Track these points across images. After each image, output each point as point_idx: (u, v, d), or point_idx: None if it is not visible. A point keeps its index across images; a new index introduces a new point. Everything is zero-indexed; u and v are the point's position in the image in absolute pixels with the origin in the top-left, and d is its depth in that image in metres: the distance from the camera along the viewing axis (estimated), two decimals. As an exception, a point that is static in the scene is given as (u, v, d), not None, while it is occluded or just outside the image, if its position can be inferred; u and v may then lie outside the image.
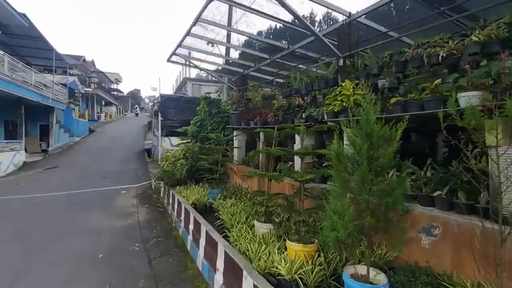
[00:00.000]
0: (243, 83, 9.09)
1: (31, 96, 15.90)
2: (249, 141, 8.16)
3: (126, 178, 11.83)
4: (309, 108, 5.05)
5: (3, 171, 12.53)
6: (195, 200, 6.20)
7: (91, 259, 4.62)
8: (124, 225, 6.31)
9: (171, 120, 14.98)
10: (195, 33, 6.43)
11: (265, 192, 4.43)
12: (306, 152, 3.30)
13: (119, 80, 54.08)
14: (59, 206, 7.87)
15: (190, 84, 28.01)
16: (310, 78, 5.53)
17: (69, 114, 23.28)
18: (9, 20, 14.68)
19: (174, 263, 4.56)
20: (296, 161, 5.27)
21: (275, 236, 3.79)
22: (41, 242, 5.26)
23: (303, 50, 7.10)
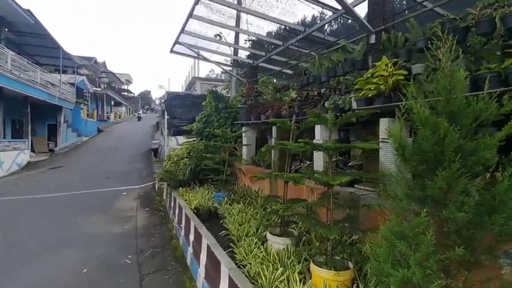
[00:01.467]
0: (253, 75, 8.30)
1: (37, 95, 15.59)
2: (259, 138, 7.33)
3: (129, 179, 11.23)
4: (332, 96, 4.19)
5: (5, 171, 12.13)
6: (198, 204, 5.43)
7: (74, 277, 3.89)
8: (119, 232, 5.60)
9: (178, 118, 14.33)
10: (199, 16, 5.67)
11: (280, 198, 3.61)
12: (341, 146, 2.44)
13: (129, 80, 54.30)
14: (55, 209, 7.25)
15: (199, 84, 27.48)
16: (333, 63, 4.66)
17: (77, 113, 23.06)
18: (14, 17, 14.38)
19: (170, 282, 3.78)
20: (316, 160, 4.42)
21: (294, 255, 2.95)
22: (26, 254, 4.58)
23: (320, 34, 6.25)
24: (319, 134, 4.29)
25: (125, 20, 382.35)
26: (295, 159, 5.47)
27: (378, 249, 1.54)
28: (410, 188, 1.48)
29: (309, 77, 5.39)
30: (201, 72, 31.72)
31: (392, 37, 3.64)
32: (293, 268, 2.68)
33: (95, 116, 29.12)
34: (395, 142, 1.52)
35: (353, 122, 4.04)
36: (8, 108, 14.22)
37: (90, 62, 31.42)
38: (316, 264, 2.48)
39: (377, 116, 3.40)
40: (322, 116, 2.66)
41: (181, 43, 7.17)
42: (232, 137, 6.64)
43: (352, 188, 3.87)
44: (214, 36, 8.02)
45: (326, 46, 6.28)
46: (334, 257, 2.59)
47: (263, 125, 6.88)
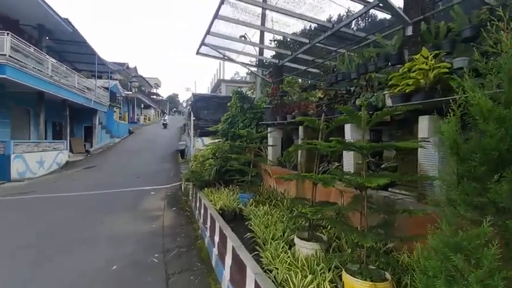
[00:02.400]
0: (279, 75, 8.16)
1: (75, 99, 16.62)
2: (285, 139, 7.18)
3: (157, 179, 11.54)
4: (363, 93, 3.94)
5: (46, 169, 13.02)
6: (223, 205, 5.38)
7: (103, 273, 3.99)
8: (147, 231, 5.71)
9: (204, 120, 14.56)
10: (224, 16, 5.65)
11: (308, 200, 3.44)
12: (377, 145, 2.24)
13: (158, 84, 56.45)
14: (88, 206, 7.60)
15: (225, 86, 27.89)
16: (364, 58, 4.41)
17: (111, 116, 24.30)
18: (53, 25, 15.44)
19: (195, 283, 3.74)
20: (346, 161, 4.19)
21: (324, 262, 2.77)
22: (60, 249, 4.80)
23: (349, 30, 5.98)
24: (350, 134, 4.07)
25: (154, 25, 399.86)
26: (322, 161, 5.24)
27: (426, 261, 1.34)
28: (466, 192, 1.27)
29: (338, 75, 5.15)
30: (226, 74, 32.25)
31: (433, 27, 3.34)
32: (323, 276, 2.50)
33: (126, 119, 30.55)
34: (448, 139, 1.32)
35: (386, 121, 3.79)
36: (49, 112, 15.27)
37: (122, 67, 33.03)
38: (349, 273, 2.28)
39: (415, 113, 3.13)
40: (355, 113, 2.46)
41: (207, 44, 7.23)
42: (258, 138, 6.55)
43: (386, 192, 3.60)
44: (239, 37, 8.02)
45: (355, 42, 6.00)
46: (369, 266, 2.38)
47: (289, 126, 6.72)
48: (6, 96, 12.99)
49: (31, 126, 15.52)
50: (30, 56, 12.25)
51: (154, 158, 17.07)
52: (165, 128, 32.43)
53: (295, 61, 7.94)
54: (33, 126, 15.41)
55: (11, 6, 13.50)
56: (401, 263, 2.62)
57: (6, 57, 10.56)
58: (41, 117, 14.18)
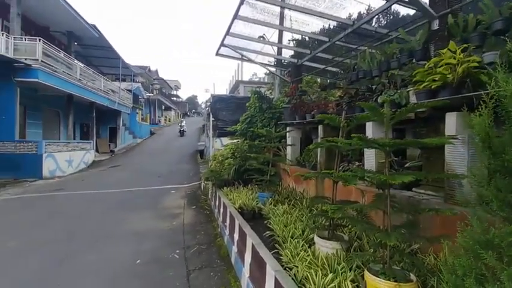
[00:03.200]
0: (297, 74, 8.12)
1: (100, 101, 17.40)
2: (304, 139, 7.13)
3: (177, 178, 11.82)
4: (386, 91, 3.84)
5: (74, 168, 13.70)
6: (242, 203, 5.42)
7: (127, 266, 4.14)
8: (168, 228, 5.86)
9: (223, 120, 14.75)
10: (244, 16, 5.71)
11: (328, 199, 3.39)
12: (401, 142, 2.15)
13: (178, 86, 57.87)
14: (112, 204, 7.92)
15: (243, 87, 28.07)
16: (386, 55, 4.29)
17: (133, 117, 25.18)
18: (81, 31, 16.26)
19: (215, 279, 3.80)
20: (368, 160, 4.09)
21: (345, 261, 2.72)
22: (85, 243, 5.04)
23: (370, 27, 5.85)
24: (371, 133, 3.97)
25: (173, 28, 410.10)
26: (342, 161, 5.16)
27: (455, 260, 1.29)
28: (499, 188, 1.21)
29: (358, 73, 5.05)
30: (244, 76, 32.32)
31: (461, 20, 3.20)
32: (344, 275, 2.46)
33: (148, 120, 31.52)
34: (479, 133, 1.27)
35: (410, 119, 3.67)
36: (77, 113, 16.07)
37: (144, 70, 34.18)
38: (371, 273, 2.24)
39: (441, 110, 3.01)
40: (378, 109, 2.40)
41: (227, 45, 7.32)
42: (276, 137, 6.55)
43: (410, 192, 3.49)
44: (258, 37, 8.07)
45: (376, 39, 5.85)
46: (392, 267, 2.31)
47: (308, 125, 6.67)
48: (39, 99, 13.82)
49: (61, 127, 16.42)
50: (60, 61, 12.96)
51: (174, 158, 17.48)
52: (182, 135, 27.90)
53: (314, 60, 7.86)
54: (63, 127, 16.29)
55: (42, 14, 14.38)
56: (427, 265, 2.53)
57: (39, 62, 11.24)
58: (69, 119, 14.95)
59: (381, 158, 3.85)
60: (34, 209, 7.16)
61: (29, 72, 11.02)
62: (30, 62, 11.00)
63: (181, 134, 28.10)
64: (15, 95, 11.08)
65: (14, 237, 5.25)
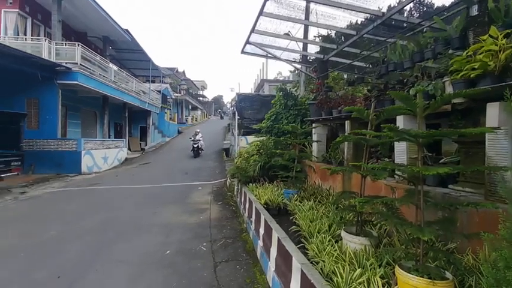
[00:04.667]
0: (323, 70, 7.97)
1: (132, 101, 18.28)
2: (330, 136, 6.98)
3: (204, 175, 12.12)
4: (419, 82, 3.66)
5: (109, 165, 14.54)
6: (267, 199, 5.44)
7: (157, 256, 4.33)
8: (195, 222, 6.04)
9: (248, 119, 14.89)
10: (269, 12, 5.72)
11: (356, 194, 3.30)
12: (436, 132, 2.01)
13: (204, 86, 59.21)
14: (144, 198, 8.31)
15: (267, 86, 28.10)
16: (419, 45, 4.08)
17: (162, 117, 26.17)
18: (115, 36, 17.20)
19: (241, 272, 3.85)
20: (398, 155, 3.92)
21: (374, 257, 2.64)
22: (118, 234, 5.33)
23: (401, 17, 5.59)
24: (403, 127, 3.79)
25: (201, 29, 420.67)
26: (371, 157, 4.99)
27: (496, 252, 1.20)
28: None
29: (388, 66, 4.85)
30: (269, 74, 32.34)
31: (502, 4, 2.96)
32: (374, 271, 2.39)
33: (175, 119, 32.60)
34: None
35: (446, 111, 3.46)
36: (111, 113, 17.03)
37: (173, 71, 35.38)
38: (403, 269, 2.15)
39: (481, 101, 2.81)
40: (411, 98, 2.29)
41: (252, 43, 7.37)
42: (302, 134, 6.48)
43: (446, 189, 3.29)
44: (283, 34, 8.03)
45: (408, 30, 5.57)
46: (426, 263, 2.21)
47: (334, 121, 6.52)
48: (78, 100, 14.84)
49: (97, 126, 17.51)
50: (96, 64, 13.81)
51: (200, 156, 17.91)
52: (197, 155, 17.53)
53: (340, 55, 7.67)
54: (99, 126, 17.36)
55: (80, 20, 15.41)
56: (465, 264, 2.38)
57: (78, 66, 12.06)
58: (105, 119, 15.89)
59: (413, 153, 3.68)
60: (74, 201, 7.71)
61: (70, 75, 11.87)
62: (70, 65, 11.84)
63: (195, 154, 17.37)
64: (57, 96, 11.99)
65: (57, 226, 5.70)
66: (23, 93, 11.71)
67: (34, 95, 11.81)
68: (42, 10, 13.97)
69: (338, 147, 5.67)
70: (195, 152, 17.43)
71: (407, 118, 3.77)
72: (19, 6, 12.80)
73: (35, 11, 13.78)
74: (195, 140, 17.59)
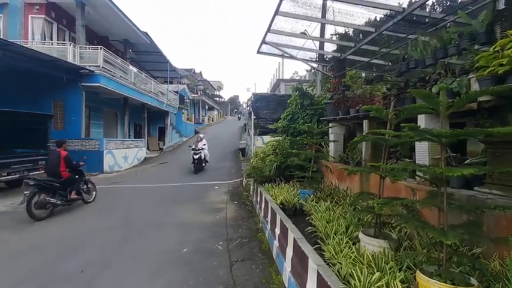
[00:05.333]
0: (340, 69, 7.83)
1: (151, 102, 18.76)
2: (347, 136, 6.85)
3: (220, 174, 12.24)
4: (442, 79, 3.51)
5: (130, 164, 14.99)
6: (283, 199, 5.42)
7: (175, 254, 4.42)
8: (212, 221, 6.11)
9: (264, 119, 14.90)
10: (285, 12, 5.69)
11: (375, 195, 3.22)
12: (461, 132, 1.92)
13: (220, 87, 59.81)
14: (162, 196, 8.51)
15: (283, 86, 27.99)
16: (443, 41, 3.91)
17: (180, 117, 26.69)
18: (135, 39, 17.72)
19: (257, 272, 3.86)
20: (419, 156, 3.79)
21: (394, 261, 2.56)
22: (138, 232, 5.48)
23: (424, 12, 5.39)
24: (424, 126, 3.66)
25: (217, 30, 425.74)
26: (390, 157, 4.84)
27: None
28: None
29: (409, 63, 4.70)
30: (285, 74, 32.16)
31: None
32: (393, 275, 2.32)
33: (192, 119, 33.15)
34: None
35: (472, 110, 3.31)
36: (131, 114, 17.55)
37: (189, 72, 35.98)
38: (425, 274, 2.07)
39: (510, 99, 2.66)
40: (433, 97, 2.20)
41: (268, 42, 7.36)
42: (319, 133, 6.40)
43: (472, 191, 3.14)
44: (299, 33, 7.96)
45: (430, 25, 5.36)
46: (449, 269, 2.12)
47: (352, 121, 6.40)
48: (100, 101, 15.41)
49: (118, 127, 18.10)
50: (117, 67, 14.28)
51: (217, 156, 18.08)
52: (200, 170, 12.82)
53: (358, 53, 7.49)
54: (120, 127, 17.94)
55: (103, 25, 16.00)
56: (491, 270, 2.26)
57: (100, 68, 12.53)
58: (125, 119, 16.40)
59: (435, 154, 3.54)
60: (97, 199, 8.01)
61: (93, 78, 12.34)
62: (93, 68, 12.32)
63: (197, 168, 12.64)
64: (81, 98, 12.50)
65: (81, 223, 5.94)
66: (50, 95, 12.30)
67: (60, 97, 12.38)
68: (67, 15, 14.61)
69: (356, 147, 5.55)
70: (196, 166, 12.40)
71: (430, 117, 3.63)
72: (45, 12, 13.46)
73: (60, 17, 14.43)
74: (196, 149, 12.70)
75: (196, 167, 12.52)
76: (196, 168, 12.51)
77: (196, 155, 12.56)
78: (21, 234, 5.29)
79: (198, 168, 12.59)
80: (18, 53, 9.35)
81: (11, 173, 8.17)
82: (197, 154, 12.58)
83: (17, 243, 4.85)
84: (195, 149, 12.78)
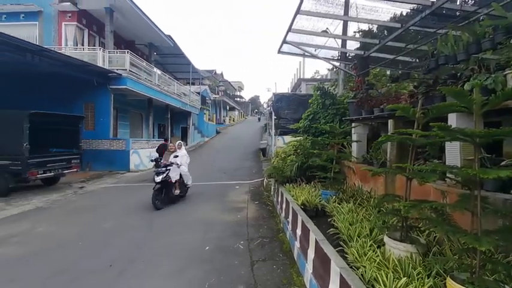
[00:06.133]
0: (364, 67, 7.61)
1: (174, 103, 19.29)
2: (371, 136, 6.65)
3: (241, 174, 12.34)
4: (476, 75, 3.31)
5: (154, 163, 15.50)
6: (304, 200, 5.37)
7: (197, 252, 4.51)
8: (233, 220, 6.18)
9: (285, 119, 14.84)
10: (306, 10, 5.62)
11: (401, 197, 3.10)
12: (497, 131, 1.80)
13: (241, 87, 60.29)
14: (185, 195, 8.72)
15: (305, 85, 27.67)
16: (476, 35, 3.69)
17: (201, 117, 27.21)
18: (159, 42, 18.31)
19: (278, 272, 3.85)
20: (450, 157, 3.59)
21: (421, 266, 2.45)
22: (163, 228, 5.67)
23: (454, 5, 5.11)
24: (456, 125, 3.47)
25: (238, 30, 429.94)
26: (417, 158, 4.64)
27: None
28: None
29: (439, 59, 4.46)
30: (306, 73, 31.78)
31: None
32: (421, 281, 2.22)
33: (214, 120, 33.67)
34: None
35: (508, 108, 3.09)
36: (155, 115, 18.15)
37: (211, 73, 36.57)
38: (456, 281, 1.96)
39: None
40: (466, 94, 2.08)
41: (289, 42, 7.31)
42: (341, 134, 6.27)
43: (508, 195, 2.93)
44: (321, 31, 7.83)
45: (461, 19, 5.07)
46: (483, 277, 1.99)
47: (376, 120, 6.21)
48: (127, 103, 16.07)
49: (143, 127, 18.77)
50: (142, 69, 14.83)
51: (238, 156, 18.28)
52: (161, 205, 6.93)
53: (382, 51, 7.24)
54: (145, 127, 18.60)
55: (129, 30, 16.69)
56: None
57: (127, 71, 13.07)
58: (150, 120, 16.99)
59: (467, 154, 3.35)
60: (125, 197, 8.38)
61: (120, 80, 12.91)
62: (121, 71, 12.87)
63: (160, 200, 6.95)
64: (110, 100, 13.12)
65: (110, 220, 6.23)
66: (81, 97, 13.01)
67: (90, 99, 13.06)
68: (97, 22, 15.39)
69: (380, 147, 5.37)
70: (158, 197, 6.95)
71: (461, 116, 3.44)
72: (77, 19, 14.26)
73: (91, 23, 15.23)
74: (162, 164, 7.35)
75: (158, 199, 6.82)
76: (157, 200, 6.80)
77: (160, 175, 6.83)
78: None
79: (162, 200, 6.94)
80: (53, 59, 9.99)
81: (46, 171, 8.74)
82: (161, 174, 6.85)
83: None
84: (161, 168, 7.06)
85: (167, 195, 7.22)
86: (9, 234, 5.27)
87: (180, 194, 7.73)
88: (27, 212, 6.83)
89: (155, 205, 6.82)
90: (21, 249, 4.54)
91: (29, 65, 9.77)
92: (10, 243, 4.85)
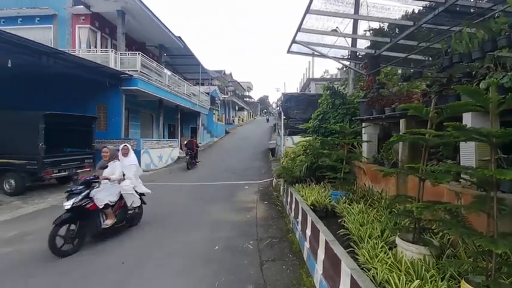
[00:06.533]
0: (374, 66, 7.50)
1: (184, 103, 19.48)
2: (382, 136, 6.55)
3: (250, 174, 12.37)
4: (491, 73, 3.22)
5: (164, 163, 15.72)
6: (314, 200, 5.33)
7: (207, 251, 4.54)
8: (242, 220, 6.20)
9: (294, 119, 14.75)
10: (315, 10, 5.59)
11: (413, 198, 3.04)
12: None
13: (250, 87, 60.37)
14: (195, 195, 8.82)
15: (314, 85, 27.48)
16: (492, 32, 3.58)
17: (211, 118, 27.38)
18: (170, 43, 18.53)
19: (287, 272, 3.84)
20: (465, 157, 3.50)
21: (435, 269, 2.40)
22: (173, 229, 5.72)
23: (469, 2, 4.99)
24: (471, 124, 3.38)
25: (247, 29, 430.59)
26: (430, 158, 4.54)
27: None
28: None
29: (453, 57, 4.36)
30: (315, 73, 31.56)
31: None
32: (435, 284, 2.17)
33: (223, 120, 33.84)
34: None
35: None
36: (165, 115, 18.38)
37: (220, 74, 36.79)
38: (471, 285, 1.92)
39: None
40: (482, 93, 2.03)
41: (298, 42, 7.28)
42: (351, 133, 6.20)
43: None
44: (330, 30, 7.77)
45: (476, 15, 4.93)
46: (499, 280, 1.94)
47: (387, 120, 6.11)
48: (138, 104, 16.33)
49: (153, 127, 19.04)
50: (153, 70, 15.04)
51: (247, 156, 18.32)
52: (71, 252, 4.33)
53: (393, 49, 7.12)
54: (155, 127, 18.87)
55: (141, 32, 16.96)
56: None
57: (138, 73, 13.29)
58: (160, 120, 17.22)
59: (483, 155, 3.26)
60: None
61: (131, 81, 13.13)
62: (132, 72, 13.10)
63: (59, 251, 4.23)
64: (121, 100, 13.36)
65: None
66: (94, 98, 13.29)
67: (102, 100, 13.32)
68: (109, 24, 15.69)
69: (391, 147, 5.29)
70: (66, 238, 4.37)
71: (477, 115, 3.35)
72: (90, 22, 14.58)
73: (103, 26, 15.54)
74: (84, 183, 4.70)
75: (66, 237, 4.40)
76: (64, 239, 4.38)
77: (71, 198, 4.48)
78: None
79: (74, 239, 4.48)
80: (67, 61, 10.24)
81: (61, 170, 8.98)
82: (74, 196, 4.50)
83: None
84: (78, 182, 4.84)
85: (88, 228, 4.67)
86: (25, 232, 5.44)
87: (121, 224, 5.19)
88: (42, 210, 7.04)
89: (55, 250, 4.17)
90: (36, 247, 4.66)
91: (44, 67, 10.05)
92: (25, 241, 4.99)
